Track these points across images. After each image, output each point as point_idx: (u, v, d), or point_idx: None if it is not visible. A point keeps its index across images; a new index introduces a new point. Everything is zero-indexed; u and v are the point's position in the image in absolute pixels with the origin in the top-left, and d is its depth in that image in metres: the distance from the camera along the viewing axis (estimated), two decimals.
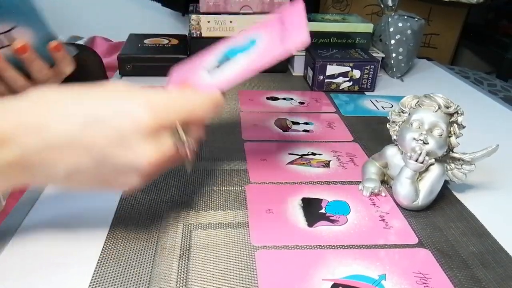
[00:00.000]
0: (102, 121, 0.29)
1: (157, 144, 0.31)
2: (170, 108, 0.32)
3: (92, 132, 0.29)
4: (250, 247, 0.38)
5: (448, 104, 0.42)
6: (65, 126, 0.29)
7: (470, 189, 0.49)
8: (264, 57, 0.37)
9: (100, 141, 0.29)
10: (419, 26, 0.85)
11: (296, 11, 0.40)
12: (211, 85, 0.38)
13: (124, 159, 0.30)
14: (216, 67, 0.39)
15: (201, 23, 0.80)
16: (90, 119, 0.29)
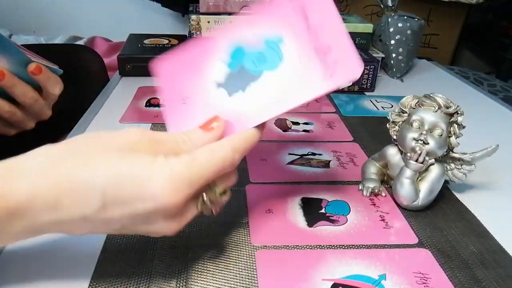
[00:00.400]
0: (123, 203, 0.27)
1: (181, 218, 0.30)
2: (197, 180, 0.29)
3: (111, 212, 0.27)
4: (250, 247, 0.38)
5: (448, 104, 0.42)
6: (81, 210, 0.27)
7: (470, 189, 0.49)
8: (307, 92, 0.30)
9: (119, 219, 0.28)
10: (419, 26, 0.85)
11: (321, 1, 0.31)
12: (240, 119, 0.32)
13: (144, 230, 0.30)
14: (230, 79, 0.33)
15: (201, 23, 0.80)
16: (109, 201, 0.27)
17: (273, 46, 0.32)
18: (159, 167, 0.28)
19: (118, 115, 0.64)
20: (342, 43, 0.30)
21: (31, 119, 0.52)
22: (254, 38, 0.33)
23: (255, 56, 0.33)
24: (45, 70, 0.48)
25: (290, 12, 0.32)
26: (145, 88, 0.75)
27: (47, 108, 0.53)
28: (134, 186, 0.27)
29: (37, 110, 0.51)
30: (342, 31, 0.30)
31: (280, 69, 0.32)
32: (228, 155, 0.31)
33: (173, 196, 0.28)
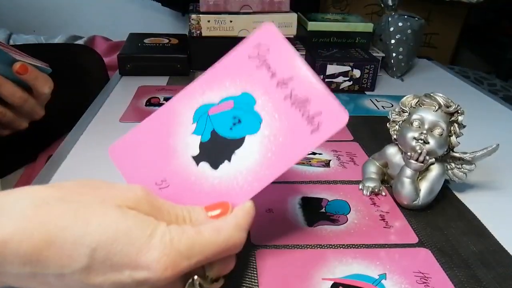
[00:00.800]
0: (110, 268, 0.24)
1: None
2: (196, 256, 0.26)
3: (94, 276, 0.24)
4: (250, 247, 0.38)
5: (448, 104, 0.42)
6: (61, 266, 0.23)
7: (470, 189, 0.49)
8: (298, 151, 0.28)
9: (102, 283, 0.24)
10: (419, 25, 0.85)
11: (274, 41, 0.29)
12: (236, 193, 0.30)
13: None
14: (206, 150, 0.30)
15: (201, 22, 0.80)
16: (95, 263, 0.24)
17: (245, 107, 0.30)
18: (160, 234, 0.25)
19: (118, 114, 0.64)
20: (319, 92, 0.28)
21: (23, 119, 0.51)
22: (217, 98, 0.30)
23: (226, 118, 0.30)
24: (32, 69, 0.47)
25: (253, 69, 0.30)
26: (145, 88, 0.75)
27: (39, 108, 0.52)
28: (128, 251, 0.24)
29: (28, 110, 0.50)
30: (316, 81, 0.29)
31: (261, 131, 0.29)
32: (234, 234, 0.28)
33: (169, 270, 0.25)
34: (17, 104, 0.48)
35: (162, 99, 0.70)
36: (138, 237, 0.24)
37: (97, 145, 0.55)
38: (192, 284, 0.27)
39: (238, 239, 0.28)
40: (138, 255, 0.24)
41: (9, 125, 0.50)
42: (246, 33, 0.82)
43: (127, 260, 0.24)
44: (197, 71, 0.85)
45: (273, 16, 0.81)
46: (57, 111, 0.60)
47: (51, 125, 0.58)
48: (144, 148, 0.32)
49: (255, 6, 0.80)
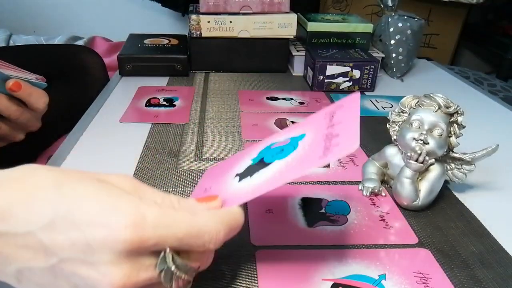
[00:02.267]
0: (72, 225, 0.24)
1: (131, 267, 0.24)
2: (164, 228, 0.25)
3: (56, 234, 0.24)
4: (250, 247, 0.38)
5: (448, 104, 0.42)
6: (28, 220, 0.24)
7: (470, 189, 0.49)
8: (301, 169, 0.30)
9: (61, 247, 0.24)
10: (419, 26, 0.85)
11: (350, 106, 0.33)
12: (232, 196, 0.31)
13: (84, 275, 0.24)
14: (247, 170, 0.34)
15: (201, 23, 0.80)
16: (59, 219, 0.24)
17: (294, 142, 0.34)
18: (128, 201, 0.25)
19: (118, 115, 0.64)
20: (349, 126, 0.31)
21: (19, 131, 0.51)
22: (284, 138, 0.35)
23: (276, 151, 0.34)
24: (25, 86, 0.47)
25: (321, 116, 0.35)
26: (145, 88, 0.75)
27: (35, 120, 0.52)
28: (91, 211, 0.24)
29: (24, 123, 0.50)
30: (355, 120, 0.31)
31: (288, 157, 0.32)
32: (209, 222, 0.27)
33: (130, 231, 0.23)
34: (12, 118, 0.48)
35: (162, 99, 0.70)
36: (104, 198, 0.24)
37: (97, 145, 0.55)
38: (164, 259, 0.25)
39: (213, 230, 0.27)
40: (100, 213, 0.24)
41: (5, 138, 0.51)
42: (246, 34, 0.82)
43: (89, 219, 0.24)
44: (197, 71, 0.86)
45: (273, 17, 0.81)
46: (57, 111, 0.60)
47: (51, 125, 0.58)
48: (219, 169, 0.39)
49: (255, 7, 0.80)
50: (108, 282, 0.24)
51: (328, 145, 0.30)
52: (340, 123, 0.32)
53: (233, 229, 0.28)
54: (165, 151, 0.54)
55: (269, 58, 0.86)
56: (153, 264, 0.25)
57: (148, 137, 0.58)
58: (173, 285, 0.26)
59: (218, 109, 0.68)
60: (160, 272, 0.25)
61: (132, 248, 0.24)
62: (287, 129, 0.38)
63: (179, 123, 0.62)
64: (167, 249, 0.25)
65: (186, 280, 0.27)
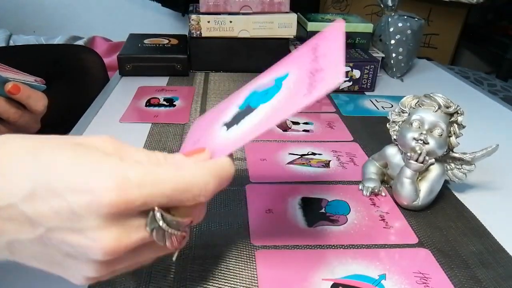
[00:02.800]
0: (54, 193, 0.23)
1: (120, 230, 0.24)
2: (149, 187, 0.24)
3: (39, 204, 0.23)
4: (250, 247, 0.38)
5: (448, 104, 0.42)
6: (8, 192, 0.23)
7: (470, 189, 0.49)
8: (287, 110, 0.29)
9: (46, 217, 0.23)
10: (419, 26, 0.85)
11: (334, 36, 0.32)
12: (220, 146, 0.30)
13: (73, 243, 0.23)
14: (234, 118, 0.33)
15: (201, 23, 0.80)
16: (39, 187, 0.23)
17: (278, 82, 0.32)
18: (109, 163, 0.24)
19: (118, 114, 0.64)
20: (333, 58, 0.29)
21: (18, 133, 0.52)
22: (268, 80, 0.34)
23: (261, 94, 0.33)
24: (24, 88, 0.47)
25: (304, 51, 0.33)
26: (145, 88, 0.75)
27: (34, 122, 0.52)
28: (71, 177, 0.23)
29: (23, 125, 0.50)
30: (340, 51, 0.29)
31: (272, 100, 0.31)
32: (196, 174, 0.26)
33: (114, 193, 0.23)
34: (11, 120, 0.48)
35: (162, 99, 0.70)
36: (84, 162, 0.24)
37: None
38: (153, 217, 0.24)
39: (201, 182, 0.26)
40: (82, 177, 0.23)
41: None
42: (246, 34, 0.82)
43: (71, 185, 0.23)
44: (197, 71, 0.86)
45: (273, 17, 0.81)
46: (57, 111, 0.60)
47: (51, 125, 0.58)
48: (206, 120, 0.37)
49: (255, 7, 0.80)
50: (99, 247, 0.23)
51: (312, 81, 0.29)
52: (324, 55, 0.30)
53: (223, 179, 0.28)
54: (165, 151, 0.54)
55: (269, 58, 0.85)
56: (142, 225, 0.25)
57: (148, 137, 0.58)
58: (167, 242, 0.25)
59: None
60: (151, 232, 0.25)
61: (118, 211, 0.23)
62: (271, 70, 0.36)
63: (179, 123, 0.62)
64: (155, 208, 0.25)
65: (180, 235, 0.26)
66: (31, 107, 0.49)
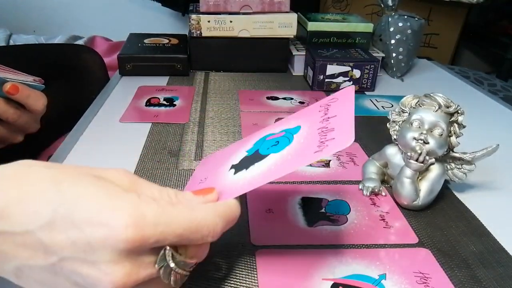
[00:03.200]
0: (72, 224, 0.23)
1: (132, 266, 0.25)
2: (163, 225, 0.25)
3: (56, 234, 0.24)
4: (250, 247, 0.38)
5: (448, 104, 0.42)
6: (26, 219, 0.24)
7: (470, 189, 0.49)
8: (297, 163, 0.30)
9: (61, 246, 0.24)
10: (419, 26, 0.85)
11: (344, 99, 0.34)
12: (228, 188, 0.31)
13: (85, 274, 0.24)
14: (242, 162, 0.34)
15: (201, 22, 0.80)
16: (58, 217, 0.24)
17: (289, 135, 0.34)
18: (127, 200, 0.25)
19: (118, 114, 0.64)
20: (344, 120, 0.31)
21: (18, 133, 0.51)
22: (278, 130, 0.36)
23: (271, 143, 0.34)
24: (23, 88, 0.47)
25: (316, 109, 0.36)
26: (145, 88, 0.75)
27: (33, 122, 0.52)
28: (91, 210, 0.24)
29: (22, 125, 0.50)
30: (350, 114, 0.31)
31: (283, 151, 0.32)
32: (207, 216, 0.27)
33: (130, 230, 0.23)
34: (10, 120, 0.48)
35: (162, 99, 0.70)
36: (104, 197, 0.24)
37: (97, 145, 0.55)
38: (164, 256, 0.26)
39: (211, 223, 0.27)
40: (100, 211, 0.24)
41: (3, 140, 0.50)
42: (246, 33, 0.82)
43: (89, 218, 0.23)
44: (197, 71, 0.86)
45: (273, 16, 0.81)
46: (57, 111, 0.60)
47: (51, 125, 0.58)
48: (215, 159, 0.39)
49: (255, 6, 0.80)
50: (109, 280, 0.24)
51: (323, 139, 0.30)
52: (335, 116, 0.32)
53: (230, 221, 0.29)
54: (165, 150, 0.54)
55: (269, 57, 0.86)
56: (152, 262, 0.26)
57: (148, 137, 0.58)
58: (171, 280, 0.27)
59: (218, 108, 0.68)
60: (159, 269, 0.26)
61: (133, 247, 0.24)
62: (282, 121, 0.38)
63: (179, 123, 0.62)
64: (167, 247, 0.26)
65: (184, 274, 0.27)
66: (30, 107, 0.49)
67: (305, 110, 0.37)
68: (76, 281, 0.25)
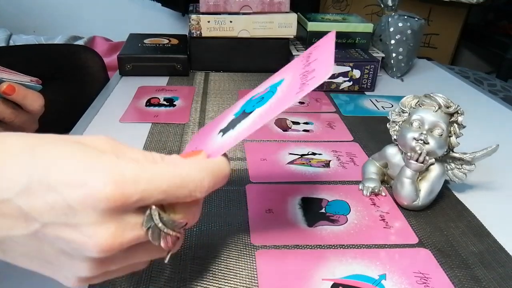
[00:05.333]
0: (48, 187, 0.23)
1: (116, 227, 0.23)
2: (145, 182, 0.24)
3: (34, 199, 0.23)
4: (250, 247, 0.38)
5: (448, 104, 0.42)
6: (3, 186, 0.23)
7: (470, 189, 0.49)
8: (280, 106, 0.30)
9: (41, 211, 0.23)
10: (419, 26, 0.85)
11: (325, 43, 0.34)
12: (217, 148, 0.31)
13: (68, 238, 0.23)
14: (230, 124, 0.34)
15: (201, 23, 0.80)
16: (34, 182, 0.23)
17: (273, 88, 0.34)
18: (105, 160, 0.24)
19: (118, 114, 0.64)
20: (324, 59, 0.31)
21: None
22: (263, 89, 0.35)
23: (256, 100, 0.34)
24: (19, 88, 0.46)
25: (298, 60, 0.35)
26: (145, 88, 0.75)
27: (31, 122, 0.51)
28: (67, 172, 0.23)
29: (20, 125, 0.50)
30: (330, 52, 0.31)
31: (267, 102, 0.32)
32: (191, 171, 0.26)
33: (109, 187, 0.22)
34: (7, 120, 0.48)
35: (162, 99, 0.70)
36: (80, 158, 0.24)
37: None
38: (150, 216, 0.25)
39: (197, 177, 0.26)
40: (76, 173, 0.23)
41: None
42: (246, 34, 0.82)
43: (66, 179, 0.23)
44: (197, 71, 0.86)
45: (273, 17, 0.81)
46: (57, 111, 0.60)
47: (50, 125, 0.58)
48: (206, 130, 0.39)
49: (255, 7, 0.80)
50: (94, 243, 0.23)
51: (304, 80, 0.30)
52: (316, 60, 0.32)
53: (219, 177, 0.28)
54: (165, 151, 0.54)
55: (269, 58, 0.85)
56: (139, 223, 0.24)
57: (148, 137, 0.58)
58: (162, 242, 0.25)
59: (218, 109, 0.68)
60: (147, 230, 0.25)
61: (115, 206, 0.23)
62: (266, 80, 0.37)
63: (179, 123, 0.62)
64: (153, 206, 0.25)
65: (174, 236, 0.26)
66: (28, 107, 0.49)
67: (289, 64, 0.37)
68: (61, 248, 0.24)
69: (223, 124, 0.35)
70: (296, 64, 0.35)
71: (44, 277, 0.26)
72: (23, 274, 0.34)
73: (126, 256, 0.26)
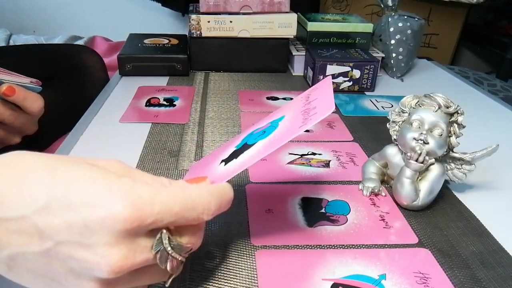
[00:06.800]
0: (69, 207, 0.23)
1: (128, 249, 0.24)
2: (159, 205, 0.25)
3: (51, 218, 0.23)
4: (250, 247, 0.38)
5: (448, 104, 0.42)
6: (21, 204, 0.23)
7: (470, 189, 0.49)
8: (284, 138, 0.31)
9: (57, 230, 0.23)
10: (419, 26, 0.85)
11: (323, 86, 0.36)
12: (220, 175, 0.32)
13: (81, 258, 0.24)
14: (232, 154, 0.35)
15: (201, 23, 0.80)
16: (54, 201, 0.23)
17: (274, 123, 0.35)
18: (123, 182, 0.25)
19: (118, 114, 0.64)
20: (324, 98, 0.33)
21: (15, 135, 0.51)
22: (264, 123, 0.37)
23: (258, 134, 0.35)
24: (19, 90, 0.47)
25: (297, 100, 0.38)
26: (145, 88, 0.75)
27: (31, 124, 0.51)
28: (88, 193, 0.24)
29: (20, 126, 0.50)
30: (329, 94, 0.33)
31: (270, 135, 0.33)
32: (201, 194, 0.27)
33: (128, 209, 0.23)
34: (7, 122, 0.48)
35: (162, 99, 0.70)
36: (99, 180, 0.24)
37: (97, 145, 0.55)
38: (160, 240, 0.26)
39: (205, 199, 0.27)
40: (97, 194, 0.24)
41: (1, 141, 0.50)
42: (246, 34, 0.82)
43: (85, 200, 0.23)
44: (197, 71, 0.86)
45: (273, 17, 0.81)
46: (57, 111, 0.60)
47: (50, 125, 0.58)
48: (203, 162, 0.41)
49: (255, 7, 0.80)
50: (106, 263, 0.23)
51: (307, 116, 0.32)
52: (316, 99, 0.34)
53: (223, 201, 0.29)
54: (165, 151, 0.54)
55: (269, 58, 0.86)
56: (149, 246, 0.25)
57: (148, 137, 0.58)
58: (168, 265, 0.26)
59: (218, 109, 0.68)
60: (155, 253, 0.26)
61: (131, 227, 0.24)
62: (266, 117, 0.39)
63: (179, 123, 0.62)
64: (164, 230, 0.26)
65: (180, 260, 0.27)
66: (27, 108, 0.49)
67: (288, 104, 0.39)
68: (71, 267, 0.24)
69: (224, 155, 0.36)
70: (295, 104, 0.37)
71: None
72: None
73: (131, 279, 0.26)
